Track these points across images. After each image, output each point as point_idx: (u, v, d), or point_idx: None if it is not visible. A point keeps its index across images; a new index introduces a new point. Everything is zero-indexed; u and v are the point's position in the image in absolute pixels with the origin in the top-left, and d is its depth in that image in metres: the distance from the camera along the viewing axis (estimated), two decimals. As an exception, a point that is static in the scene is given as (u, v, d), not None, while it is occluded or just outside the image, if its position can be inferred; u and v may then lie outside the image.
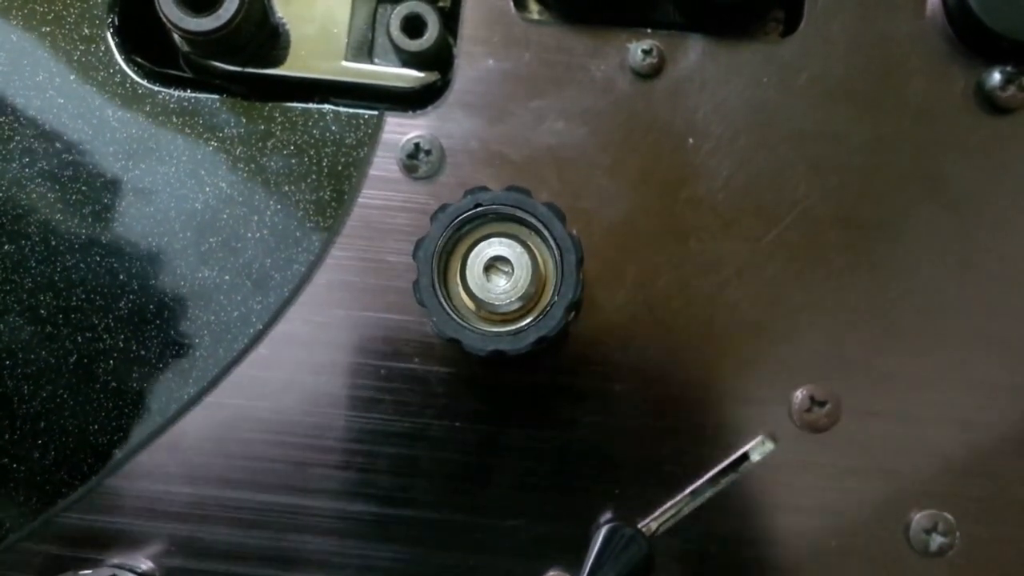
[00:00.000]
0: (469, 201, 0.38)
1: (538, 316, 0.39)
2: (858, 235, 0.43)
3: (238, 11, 0.40)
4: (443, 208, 0.38)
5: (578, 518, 0.42)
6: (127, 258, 0.44)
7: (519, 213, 0.38)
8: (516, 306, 0.38)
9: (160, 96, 0.45)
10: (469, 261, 0.38)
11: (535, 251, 0.39)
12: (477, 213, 0.38)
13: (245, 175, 0.44)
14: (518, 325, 0.38)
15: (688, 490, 0.42)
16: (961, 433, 0.42)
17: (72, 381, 0.44)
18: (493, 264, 0.38)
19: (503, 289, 0.38)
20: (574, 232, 0.38)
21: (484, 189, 0.38)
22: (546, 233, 0.38)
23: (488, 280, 0.38)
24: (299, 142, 0.44)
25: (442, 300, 0.38)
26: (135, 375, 0.44)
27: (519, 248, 0.38)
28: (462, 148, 0.44)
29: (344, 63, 0.45)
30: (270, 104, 0.45)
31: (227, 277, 0.44)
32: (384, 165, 0.44)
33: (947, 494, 0.42)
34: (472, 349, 0.38)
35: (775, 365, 0.42)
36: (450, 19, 0.44)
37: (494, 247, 0.38)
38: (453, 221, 0.38)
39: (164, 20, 0.40)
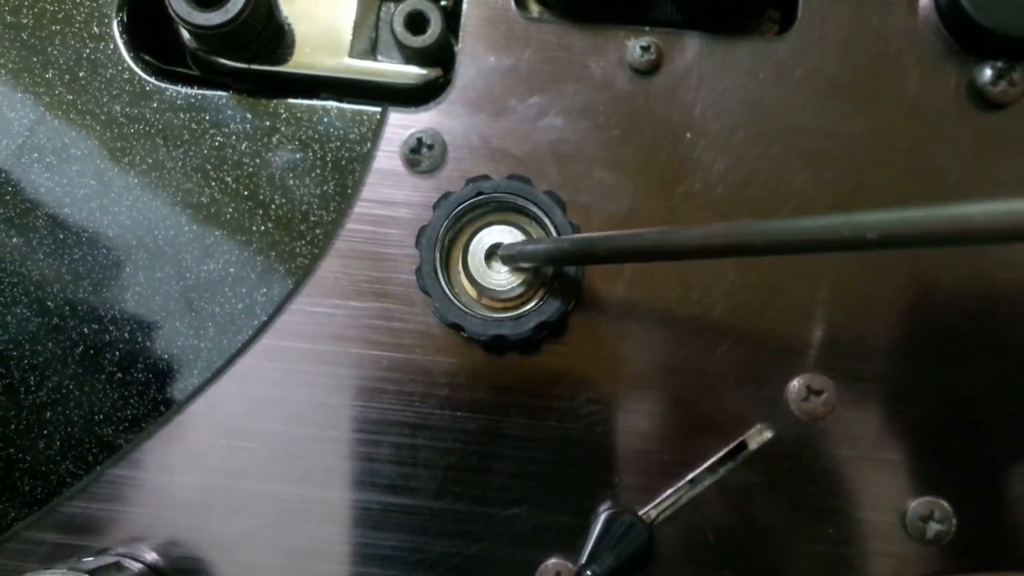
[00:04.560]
0: (471, 189, 0.39)
1: (539, 303, 0.39)
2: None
3: (245, 6, 0.41)
4: (445, 196, 0.39)
5: (578, 506, 0.42)
6: (133, 251, 0.45)
7: (520, 201, 0.39)
8: (517, 293, 0.39)
9: (167, 93, 0.46)
10: (471, 248, 0.39)
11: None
12: (479, 201, 0.39)
13: (250, 170, 0.45)
14: (519, 311, 0.39)
15: (687, 478, 0.42)
16: (958, 422, 0.42)
17: (78, 372, 0.44)
18: (494, 251, 0.39)
19: (504, 276, 0.39)
20: (573, 221, 0.39)
21: (486, 178, 0.39)
22: (546, 221, 0.39)
23: (489, 267, 0.39)
24: (304, 137, 0.45)
25: (444, 286, 0.39)
26: (140, 366, 0.44)
27: (520, 236, 0.39)
28: (464, 143, 0.44)
29: (348, 60, 0.45)
30: (275, 100, 0.46)
31: (232, 269, 0.44)
32: (387, 159, 0.45)
33: (944, 482, 0.42)
34: (474, 334, 0.38)
35: (772, 355, 0.43)
36: (452, 17, 0.45)
37: (495, 235, 0.39)
38: (456, 209, 0.39)
39: (173, 15, 0.41)
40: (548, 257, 0.36)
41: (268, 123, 0.45)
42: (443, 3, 0.45)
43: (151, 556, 0.43)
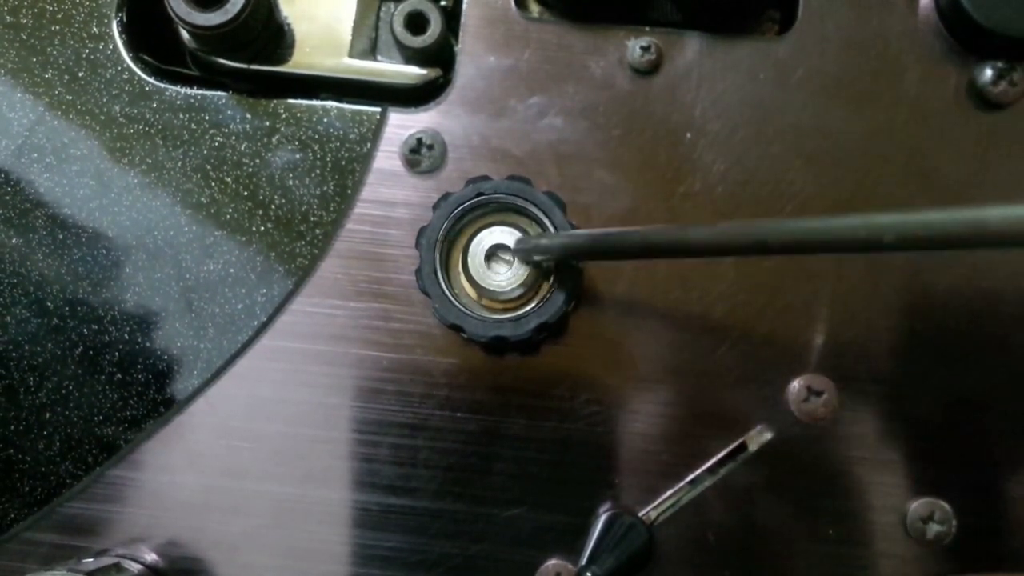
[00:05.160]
0: (471, 190, 0.39)
1: (539, 304, 0.39)
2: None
3: (245, 6, 0.40)
4: (445, 197, 0.39)
5: (578, 507, 0.42)
6: (133, 251, 0.45)
7: (520, 202, 0.39)
8: (517, 294, 0.39)
9: (167, 93, 0.46)
10: (471, 249, 0.39)
11: (536, 240, 0.39)
12: (479, 202, 0.39)
13: (250, 170, 0.45)
14: (519, 312, 0.39)
15: (687, 479, 0.42)
16: (958, 423, 0.42)
17: (78, 373, 0.44)
18: (494, 252, 0.39)
19: (504, 277, 0.39)
20: (573, 222, 0.39)
21: (486, 178, 0.39)
22: (546, 221, 0.39)
23: (489, 268, 0.39)
24: (303, 138, 0.45)
25: (444, 287, 0.39)
26: (140, 367, 0.44)
27: (520, 236, 0.39)
28: (464, 143, 0.44)
29: (348, 60, 0.45)
30: (275, 101, 0.46)
31: (232, 270, 0.44)
32: (387, 160, 0.44)
33: (944, 483, 0.42)
34: (474, 335, 0.38)
35: (773, 355, 0.43)
36: (452, 17, 0.45)
37: (495, 235, 0.39)
38: (455, 209, 0.39)
39: (172, 15, 0.41)
40: (563, 251, 0.36)
41: (268, 123, 0.45)
42: (443, 3, 0.45)
43: (151, 557, 0.43)
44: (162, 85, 0.46)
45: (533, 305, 0.40)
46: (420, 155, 0.44)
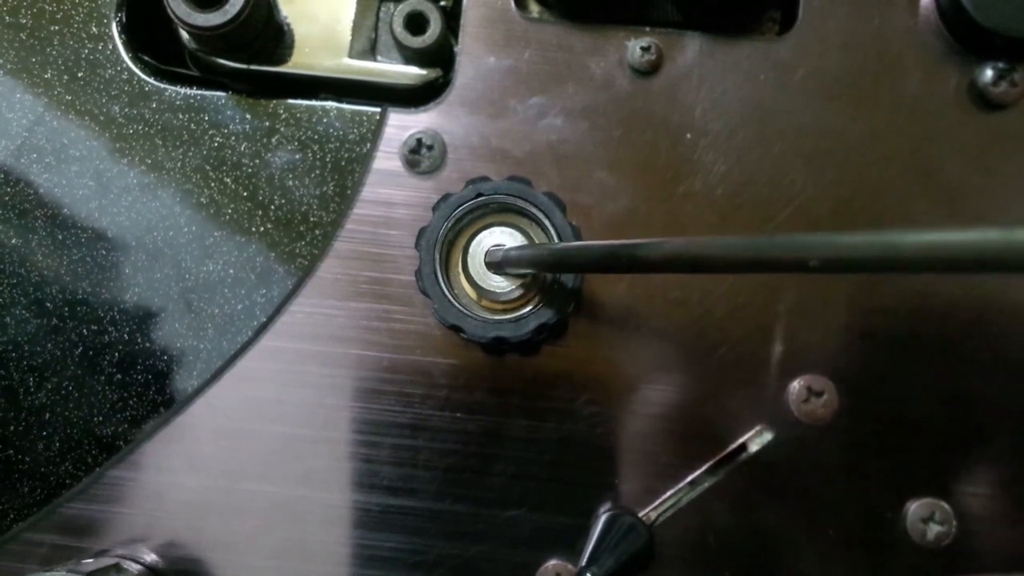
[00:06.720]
0: (471, 190, 0.38)
1: (538, 304, 0.39)
2: (853, 229, 0.43)
3: (245, 6, 0.40)
4: (445, 198, 0.39)
5: (578, 508, 0.42)
6: (133, 252, 0.44)
7: (520, 203, 0.39)
8: (517, 295, 0.39)
9: (166, 93, 0.46)
10: (471, 250, 0.39)
11: (535, 241, 0.39)
12: (479, 203, 0.39)
13: (250, 170, 0.45)
14: (519, 313, 0.39)
15: (687, 480, 0.42)
16: (958, 423, 0.42)
17: (77, 373, 0.44)
18: (494, 253, 0.39)
19: (504, 278, 0.39)
20: (573, 223, 0.39)
21: (485, 179, 0.39)
22: (546, 222, 0.39)
23: (489, 269, 0.39)
24: (303, 138, 0.45)
25: (444, 288, 0.39)
26: (140, 367, 0.44)
27: (520, 237, 0.39)
28: (463, 143, 0.44)
29: (347, 60, 0.45)
30: (275, 101, 0.46)
31: (231, 271, 0.44)
32: (387, 160, 0.44)
33: (944, 484, 0.42)
34: (474, 336, 0.38)
35: (773, 356, 0.43)
36: (452, 17, 0.45)
37: (495, 236, 0.39)
38: (455, 210, 0.38)
39: (172, 16, 0.41)
40: (531, 263, 0.36)
41: (267, 124, 0.45)
42: (443, 3, 0.45)
43: (150, 557, 0.43)
44: (162, 85, 0.46)
45: (533, 306, 0.40)
46: (420, 155, 0.44)
